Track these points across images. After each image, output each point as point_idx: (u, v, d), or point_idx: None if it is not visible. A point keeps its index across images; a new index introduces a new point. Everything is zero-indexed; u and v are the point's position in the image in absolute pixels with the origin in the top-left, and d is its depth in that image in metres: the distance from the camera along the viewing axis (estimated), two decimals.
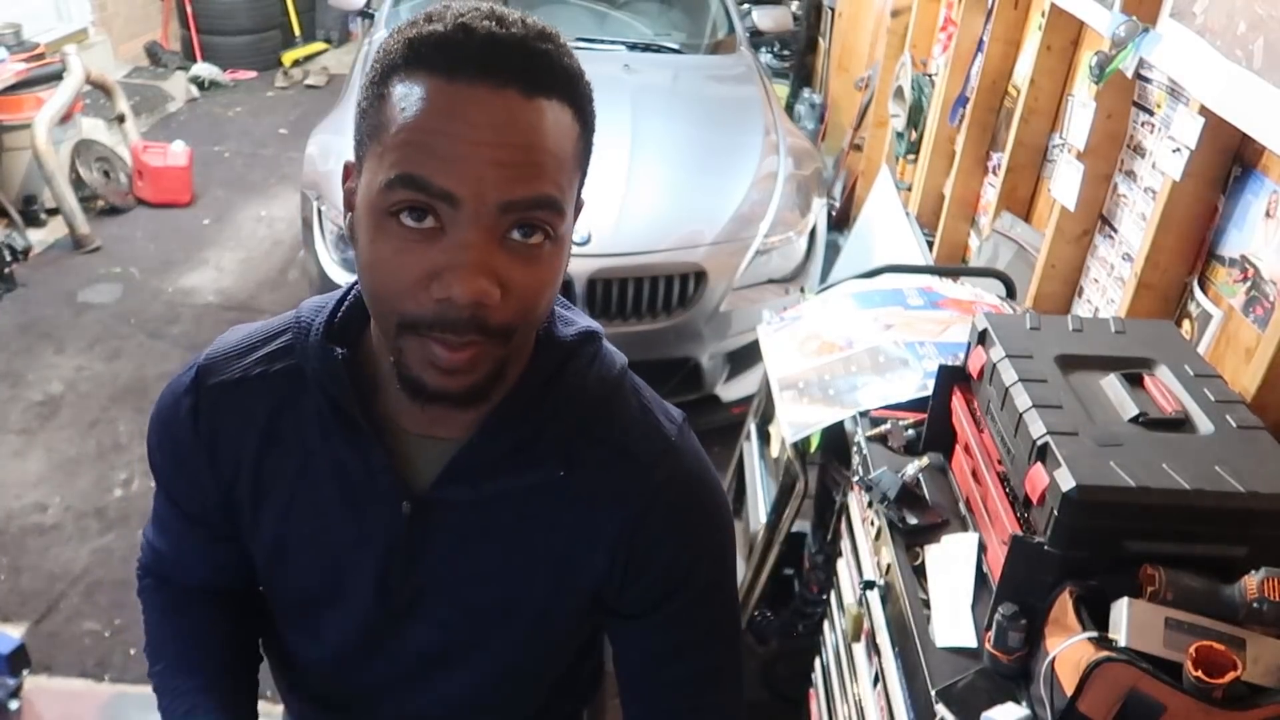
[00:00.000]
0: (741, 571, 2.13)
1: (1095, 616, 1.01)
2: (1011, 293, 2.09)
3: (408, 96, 0.68)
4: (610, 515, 0.85)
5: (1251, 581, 0.98)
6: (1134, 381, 1.22)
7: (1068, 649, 1.00)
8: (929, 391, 1.48)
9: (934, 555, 1.29)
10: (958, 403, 1.41)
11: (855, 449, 1.56)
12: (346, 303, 0.85)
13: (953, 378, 1.43)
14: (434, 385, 0.72)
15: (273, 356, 0.86)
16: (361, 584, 0.87)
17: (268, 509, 0.87)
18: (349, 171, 0.77)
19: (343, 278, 2.91)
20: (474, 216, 0.67)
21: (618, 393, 0.87)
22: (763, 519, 1.98)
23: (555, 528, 0.85)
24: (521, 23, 0.69)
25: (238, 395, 0.86)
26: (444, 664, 0.93)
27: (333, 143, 3.18)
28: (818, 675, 1.79)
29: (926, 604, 1.24)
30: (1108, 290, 2.01)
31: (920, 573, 1.29)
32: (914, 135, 3.38)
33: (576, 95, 0.72)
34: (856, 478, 1.52)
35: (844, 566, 1.63)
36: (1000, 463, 1.25)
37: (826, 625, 1.75)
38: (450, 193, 0.67)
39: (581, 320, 0.88)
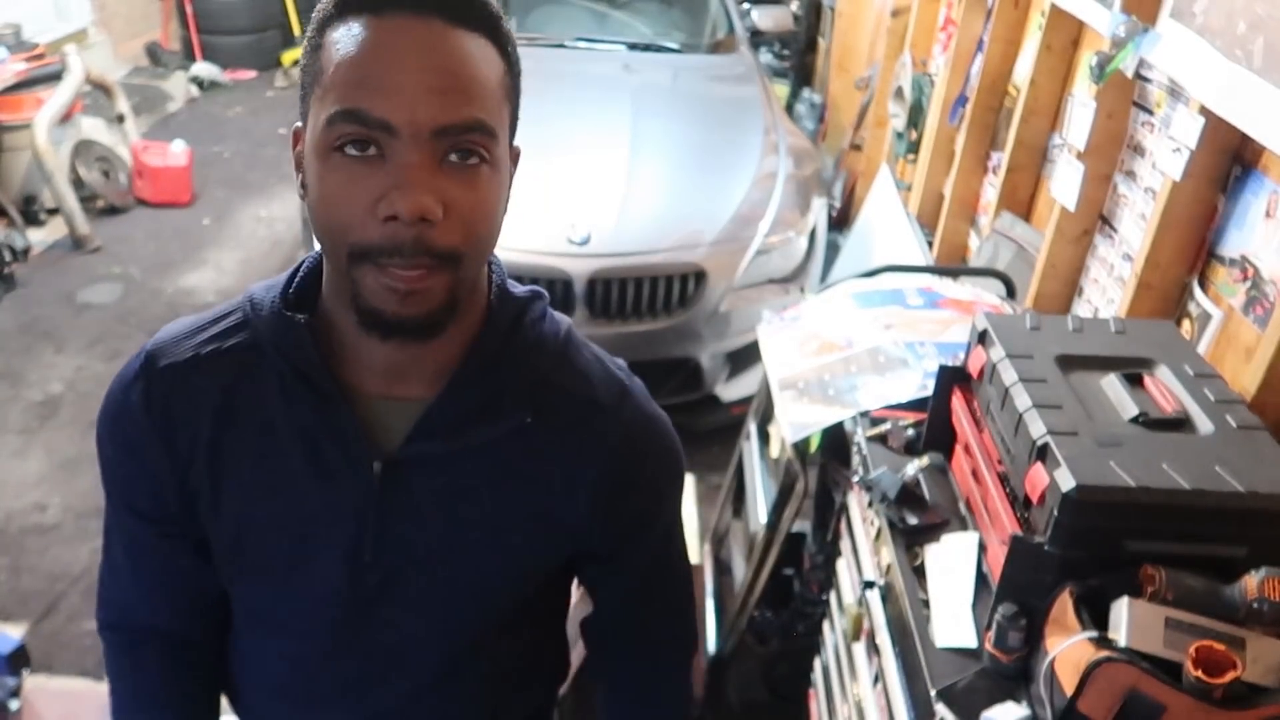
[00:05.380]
0: (741, 571, 2.13)
1: (1095, 616, 1.01)
2: (1011, 293, 2.09)
3: (341, 39, 0.72)
4: (584, 460, 0.88)
5: (1251, 581, 0.98)
6: (1134, 381, 1.22)
7: (1068, 649, 1.00)
8: (929, 391, 1.47)
9: (934, 555, 1.30)
10: (958, 403, 1.41)
11: (855, 449, 1.56)
12: (300, 275, 0.87)
13: (953, 378, 1.43)
14: (391, 313, 0.74)
15: (224, 334, 0.86)
16: (332, 562, 0.86)
17: (228, 490, 0.86)
18: (297, 137, 0.80)
19: None
20: (411, 141, 0.71)
21: (570, 344, 0.90)
22: (763, 519, 1.98)
23: (529, 477, 0.87)
24: None
25: (189, 375, 0.85)
26: (415, 644, 0.92)
27: None
28: (818, 675, 1.79)
29: (926, 604, 1.24)
30: (1108, 290, 2.01)
31: (920, 573, 1.29)
32: (914, 135, 3.38)
33: (498, 34, 0.76)
34: (856, 478, 1.52)
35: (844, 566, 1.63)
36: (1000, 463, 1.25)
37: (826, 625, 1.75)
38: (387, 121, 0.70)
39: (524, 286, 0.91)
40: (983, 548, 1.27)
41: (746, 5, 4.71)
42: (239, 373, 0.84)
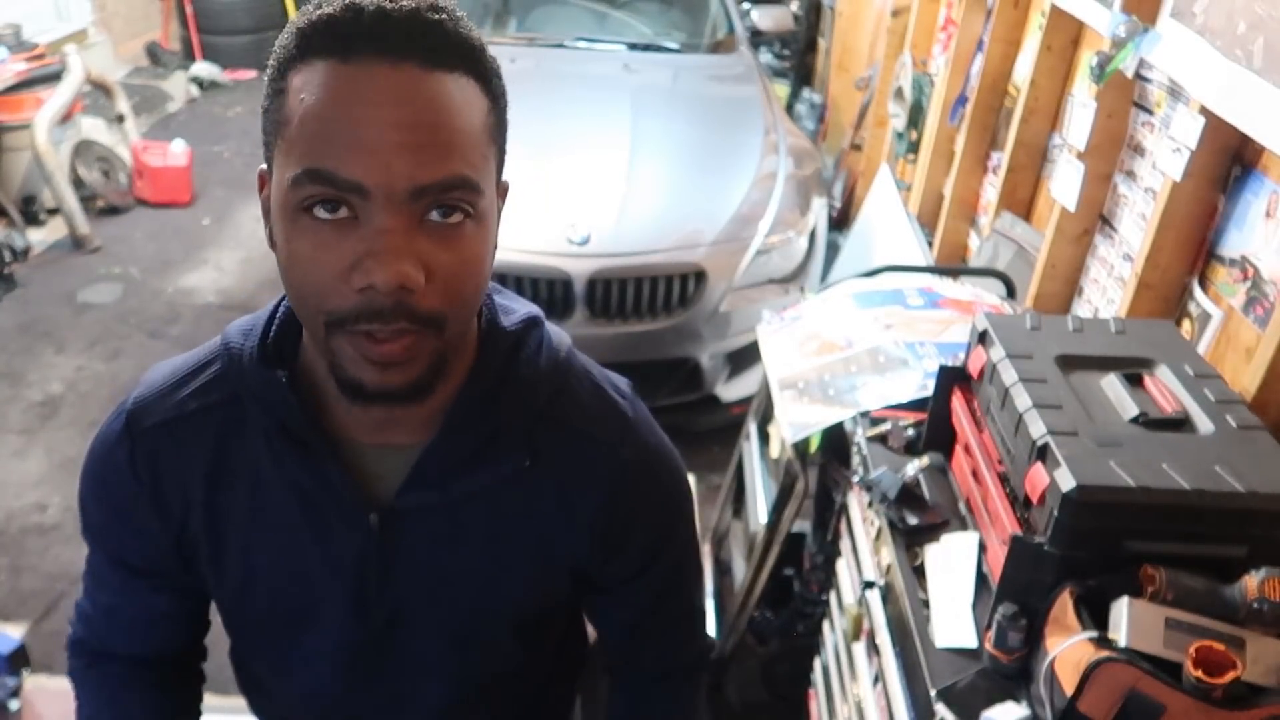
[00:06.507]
0: (741, 571, 2.13)
1: (1095, 616, 1.01)
2: (1011, 293, 2.09)
3: (305, 85, 0.66)
4: (583, 498, 0.85)
5: (1251, 581, 0.98)
6: (1134, 381, 1.22)
7: (1068, 649, 1.00)
8: (929, 391, 1.48)
9: (934, 555, 1.29)
10: (958, 403, 1.41)
11: (855, 449, 1.56)
12: (277, 321, 0.82)
13: (953, 378, 1.43)
14: (373, 384, 0.70)
15: (207, 389, 0.83)
16: (337, 606, 0.85)
17: (228, 544, 0.85)
18: (263, 180, 0.73)
19: None
20: (386, 204, 0.65)
21: (569, 375, 0.86)
22: (763, 519, 1.98)
23: (528, 517, 0.84)
24: None
25: (176, 434, 0.82)
26: (430, 677, 0.91)
27: None
28: (818, 675, 1.79)
29: (926, 604, 1.24)
30: (1108, 290, 2.01)
31: (920, 573, 1.29)
32: (914, 135, 3.38)
33: (480, 68, 0.69)
34: (856, 478, 1.52)
35: (844, 566, 1.63)
36: (1000, 463, 1.25)
37: (826, 625, 1.75)
38: (358, 184, 0.64)
39: (521, 306, 0.86)
40: (983, 548, 1.27)
41: (746, 5, 4.71)
42: (226, 429, 0.82)
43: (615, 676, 1.07)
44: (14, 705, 2.10)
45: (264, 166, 0.73)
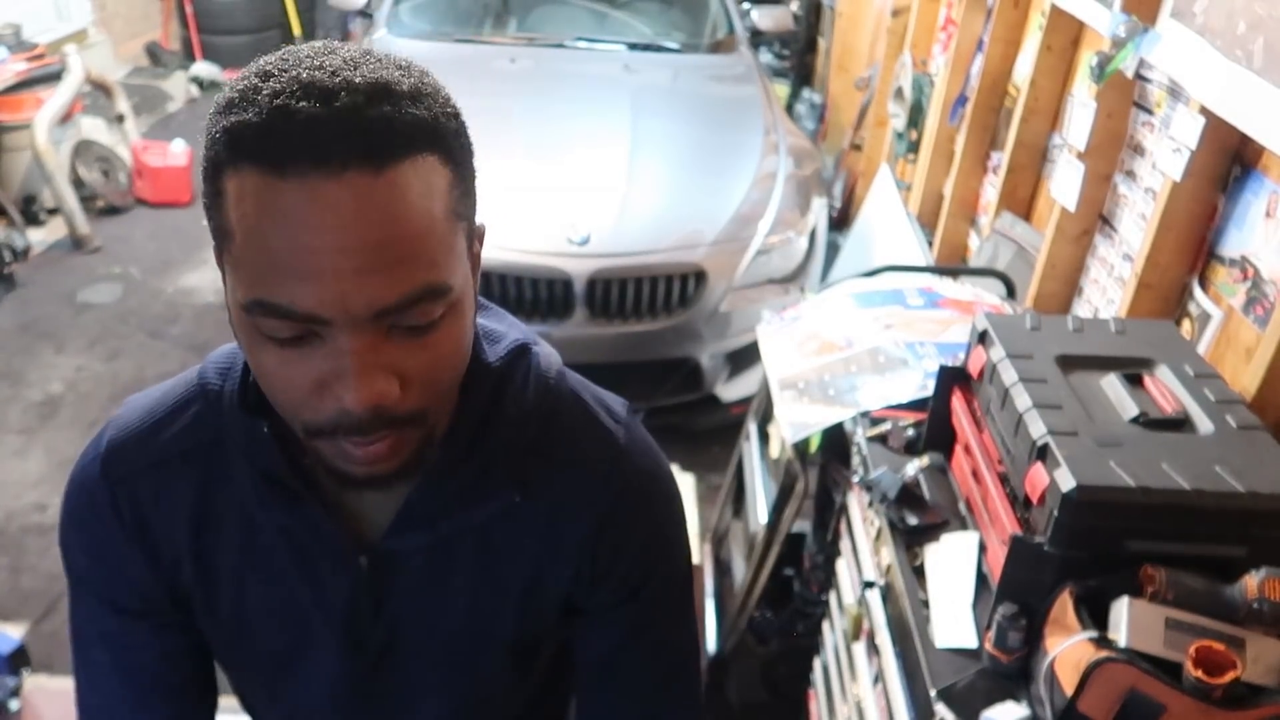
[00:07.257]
0: (741, 571, 2.13)
1: (1095, 616, 1.01)
2: (1011, 293, 2.09)
3: (241, 198, 0.60)
4: (572, 527, 0.83)
5: (1251, 581, 0.98)
6: (1134, 381, 1.22)
7: (1068, 649, 1.00)
8: (929, 391, 1.48)
9: (934, 555, 1.30)
10: (958, 403, 1.41)
11: (855, 449, 1.56)
12: None
13: (953, 378, 1.43)
14: (360, 475, 0.69)
15: (187, 433, 0.80)
16: (330, 644, 0.85)
17: (220, 586, 0.83)
18: (220, 257, 0.68)
19: None
20: (348, 327, 0.61)
21: (559, 403, 0.83)
22: (763, 519, 1.98)
23: (519, 549, 0.83)
24: (348, 85, 0.59)
25: (159, 481, 0.80)
26: (423, 702, 0.91)
27: None
28: (818, 675, 1.79)
29: (926, 604, 1.24)
30: (1108, 290, 2.01)
31: (920, 573, 1.29)
32: (914, 135, 3.38)
33: (436, 137, 0.62)
34: (856, 478, 1.52)
35: (844, 566, 1.63)
36: (1000, 463, 1.25)
37: (826, 625, 1.75)
38: (315, 315, 0.60)
39: (509, 331, 0.83)
40: (983, 548, 1.27)
41: (746, 5, 4.70)
42: (209, 474, 0.80)
43: None
44: (14, 705, 2.10)
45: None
